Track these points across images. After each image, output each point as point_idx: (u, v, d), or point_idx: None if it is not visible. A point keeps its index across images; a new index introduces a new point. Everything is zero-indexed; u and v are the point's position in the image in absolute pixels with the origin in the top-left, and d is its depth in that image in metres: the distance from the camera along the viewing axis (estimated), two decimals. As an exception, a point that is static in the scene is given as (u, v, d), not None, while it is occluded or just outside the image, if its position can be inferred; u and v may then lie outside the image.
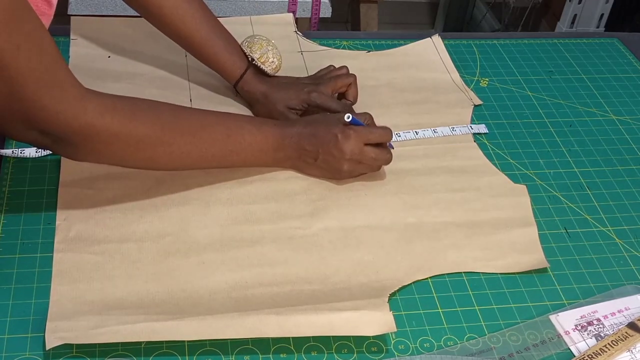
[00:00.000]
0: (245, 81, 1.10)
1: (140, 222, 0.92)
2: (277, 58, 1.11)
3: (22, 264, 0.87)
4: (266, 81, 1.10)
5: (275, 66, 1.11)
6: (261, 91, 1.09)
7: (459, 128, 1.13)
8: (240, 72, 1.10)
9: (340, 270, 0.90)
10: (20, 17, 0.74)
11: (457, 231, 0.96)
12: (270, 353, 0.80)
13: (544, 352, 0.83)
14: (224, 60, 1.10)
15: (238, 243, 0.92)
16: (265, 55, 1.10)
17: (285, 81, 1.12)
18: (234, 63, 1.10)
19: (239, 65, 1.10)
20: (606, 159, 1.12)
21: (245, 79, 1.10)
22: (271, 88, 1.09)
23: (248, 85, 1.10)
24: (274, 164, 1.00)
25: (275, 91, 1.09)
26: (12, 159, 0.99)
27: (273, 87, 1.09)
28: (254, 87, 1.10)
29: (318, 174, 1.01)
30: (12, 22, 0.73)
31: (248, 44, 1.10)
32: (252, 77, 1.10)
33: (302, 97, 1.07)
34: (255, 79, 1.10)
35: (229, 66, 1.10)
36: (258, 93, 1.09)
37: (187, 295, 0.85)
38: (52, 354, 0.78)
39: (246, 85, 1.10)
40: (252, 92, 1.10)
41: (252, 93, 1.10)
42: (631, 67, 1.32)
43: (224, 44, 1.09)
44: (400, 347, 0.83)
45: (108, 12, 1.82)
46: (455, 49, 1.31)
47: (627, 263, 0.95)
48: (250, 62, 1.10)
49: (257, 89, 1.09)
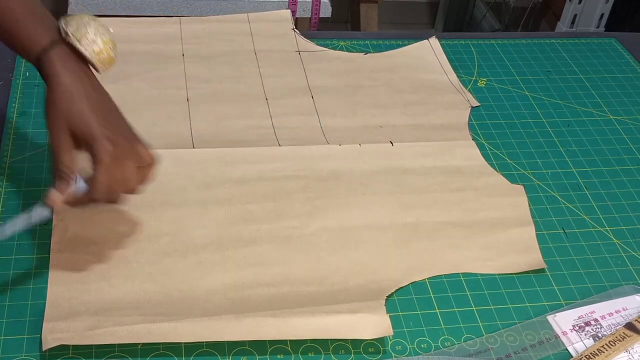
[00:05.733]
0: (50, 60, 0.79)
1: (137, 223, 0.92)
2: (104, 40, 0.81)
3: (18, 265, 0.87)
4: (79, 76, 0.80)
5: (100, 50, 0.81)
6: (62, 82, 0.78)
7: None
8: (44, 44, 0.79)
9: (337, 270, 0.90)
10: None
11: (454, 231, 0.96)
12: (267, 354, 0.80)
13: (542, 352, 0.83)
14: (27, 26, 0.80)
15: (235, 243, 0.92)
16: (83, 30, 0.79)
17: (99, 99, 0.81)
18: (40, 32, 0.80)
19: (46, 35, 0.80)
20: (604, 159, 1.12)
21: (50, 56, 0.79)
22: (76, 90, 0.79)
23: (50, 67, 0.79)
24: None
25: (72, 98, 0.78)
26: (8, 158, 0.99)
27: (75, 89, 0.79)
28: (55, 70, 0.79)
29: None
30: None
31: (66, 18, 0.81)
32: (61, 58, 0.79)
33: (94, 131, 0.78)
34: (64, 63, 0.79)
35: (31, 34, 0.80)
36: (56, 81, 0.78)
37: (184, 296, 0.85)
38: (48, 355, 0.78)
39: (48, 65, 0.79)
40: (50, 76, 0.79)
41: (49, 77, 0.79)
42: (629, 67, 1.32)
43: (30, 10, 0.81)
44: (397, 348, 0.83)
45: (108, 12, 1.82)
46: (453, 49, 1.31)
47: (624, 263, 0.95)
48: (63, 36, 0.80)
49: (58, 75, 0.78)
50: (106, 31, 0.82)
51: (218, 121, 1.10)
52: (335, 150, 1.07)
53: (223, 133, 1.08)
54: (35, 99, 1.10)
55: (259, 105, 1.14)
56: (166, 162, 1.01)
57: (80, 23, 0.80)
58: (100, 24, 0.81)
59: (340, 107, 1.16)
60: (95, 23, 0.81)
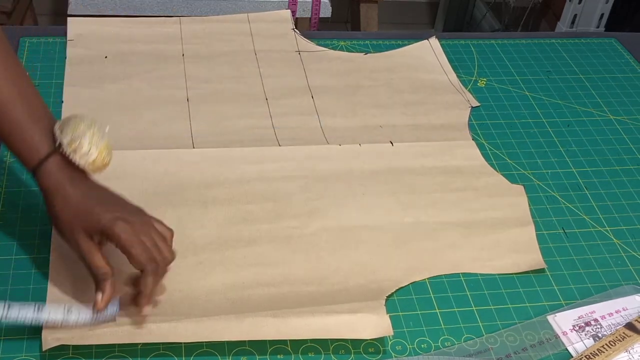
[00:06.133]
0: (46, 172, 0.78)
1: (137, 223, 0.92)
2: (98, 149, 0.79)
3: (18, 265, 0.87)
4: (77, 183, 0.79)
5: (93, 160, 0.79)
6: (62, 193, 0.78)
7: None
8: (40, 156, 0.78)
9: (337, 270, 0.90)
10: None
11: (454, 231, 0.96)
12: (267, 354, 0.80)
13: (542, 352, 0.83)
14: (23, 133, 0.79)
15: (235, 243, 0.92)
16: (78, 141, 0.78)
17: (102, 194, 0.81)
18: (36, 141, 0.79)
19: (41, 146, 0.79)
20: (604, 159, 1.12)
21: (46, 168, 0.78)
22: (76, 196, 0.78)
23: (47, 179, 0.78)
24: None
25: (78, 203, 0.78)
26: (8, 159, 0.99)
27: (79, 195, 0.78)
28: (53, 182, 0.78)
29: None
30: None
31: (62, 123, 0.80)
32: (58, 169, 0.79)
33: (104, 221, 0.77)
34: (61, 173, 0.79)
35: (27, 144, 0.79)
36: (55, 192, 0.78)
37: (184, 296, 0.85)
38: (48, 355, 0.78)
39: (45, 177, 0.78)
40: (49, 189, 0.79)
41: (49, 191, 0.79)
42: (629, 67, 1.32)
43: (28, 112, 0.79)
44: (397, 348, 0.83)
45: (108, 12, 1.82)
46: (453, 49, 1.31)
47: (624, 263, 0.95)
48: (57, 146, 0.79)
49: (56, 186, 0.78)
50: (101, 138, 0.80)
51: (218, 121, 1.10)
52: (335, 150, 1.07)
53: (223, 133, 1.08)
54: (35, 99, 1.09)
55: (259, 105, 1.14)
56: (166, 162, 1.01)
57: (75, 134, 0.78)
58: (95, 131, 0.80)
59: (340, 107, 1.16)
60: (90, 132, 0.79)
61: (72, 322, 0.78)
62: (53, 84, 1.13)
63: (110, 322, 0.79)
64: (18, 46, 1.20)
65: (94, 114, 1.06)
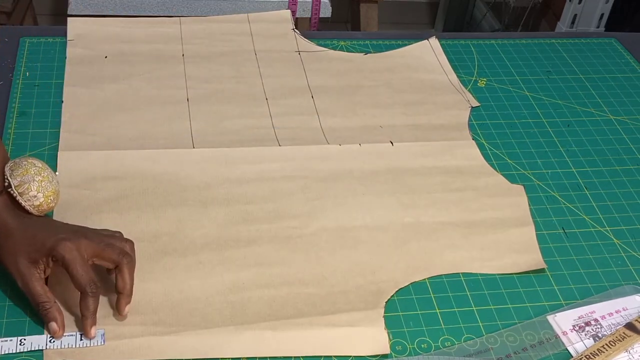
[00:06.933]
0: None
1: (137, 223, 0.92)
2: (45, 194, 0.84)
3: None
4: (21, 217, 0.82)
5: (40, 203, 0.83)
6: (6, 227, 0.80)
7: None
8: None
9: (337, 270, 0.90)
10: None
11: (454, 231, 0.96)
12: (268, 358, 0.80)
13: (542, 352, 0.83)
14: None
15: (235, 243, 0.92)
16: (26, 185, 0.82)
17: (46, 222, 0.84)
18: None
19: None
20: (604, 159, 1.12)
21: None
22: (19, 226, 0.81)
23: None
24: None
25: (21, 232, 0.80)
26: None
27: (22, 225, 0.81)
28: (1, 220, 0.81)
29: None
30: None
31: (13, 165, 0.84)
32: (3, 207, 0.82)
33: (49, 244, 0.78)
34: (6, 211, 0.82)
35: None
36: (2, 228, 0.81)
37: (184, 297, 0.85)
38: (48, 355, 0.78)
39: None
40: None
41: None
42: (629, 67, 1.32)
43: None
44: (397, 348, 0.83)
45: (108, 12, 1.82)
46: (453, 49, 1.31)
47: (624, 263, 0.95)
48: (5, 187, 0.83)
49: (3, 223, 0.81)
50: (50, 183, 0.84)
51: (218, 121, 1.10)
52: (335, 151, 1.07)
53: (223, 133, 1.08)
54: (35, 99, 1.10)
55: (259, 105, 1.14)
56: (166, 162, 1.01)
57: (24, 178, 0.82)
58: (45, 176, 0.84)
59: (340, 107, 1.16)
60: (39, 178, 0.83)
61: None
62: (53, 84, 1.13)
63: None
64: (18, 46, 1.20)
65: (94, 113, 1.08)
